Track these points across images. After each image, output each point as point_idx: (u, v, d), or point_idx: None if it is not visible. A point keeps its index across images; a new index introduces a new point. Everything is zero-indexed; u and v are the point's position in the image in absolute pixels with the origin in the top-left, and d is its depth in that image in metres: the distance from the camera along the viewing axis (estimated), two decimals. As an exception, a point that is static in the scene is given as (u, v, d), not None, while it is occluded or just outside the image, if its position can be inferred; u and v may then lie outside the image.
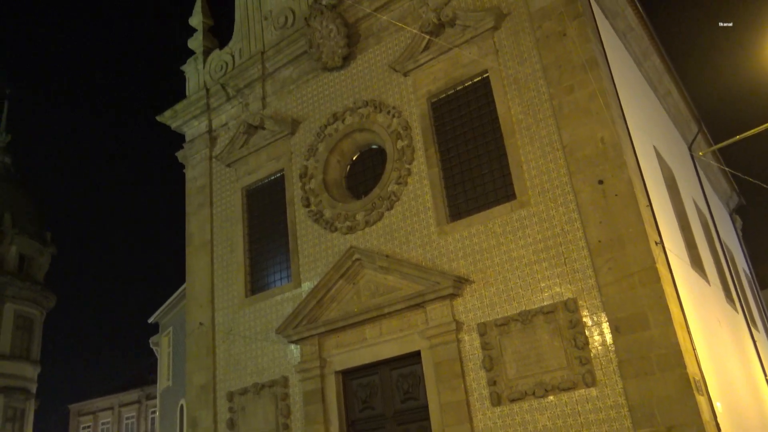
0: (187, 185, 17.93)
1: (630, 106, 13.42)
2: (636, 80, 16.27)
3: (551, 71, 12.26)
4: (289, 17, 16.96)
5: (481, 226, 12.35)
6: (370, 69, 15.02)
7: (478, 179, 12.90)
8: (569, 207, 11.47)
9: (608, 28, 14.48)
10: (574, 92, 11.90)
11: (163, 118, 18.51)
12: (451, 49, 13.52)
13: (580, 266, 11.11)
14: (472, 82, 13.43)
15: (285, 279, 15.16)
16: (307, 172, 15.28)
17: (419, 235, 13.09)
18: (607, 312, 10.63)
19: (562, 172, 11.71)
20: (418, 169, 13.53)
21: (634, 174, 11.32)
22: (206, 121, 17.87)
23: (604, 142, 11.39)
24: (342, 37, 15.16)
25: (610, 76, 12.50)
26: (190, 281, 16.95)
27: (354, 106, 14.92)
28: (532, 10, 12.79)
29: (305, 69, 16.16)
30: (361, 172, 15.09)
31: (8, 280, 38.30)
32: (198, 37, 19.08)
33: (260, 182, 16.45)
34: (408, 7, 14.64)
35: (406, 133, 13.86)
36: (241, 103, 17.27)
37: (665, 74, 18.25)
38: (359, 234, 13.93)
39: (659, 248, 10.93)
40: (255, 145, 16.51)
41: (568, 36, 12.18)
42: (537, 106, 12.33)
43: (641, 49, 16.79)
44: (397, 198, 13.59)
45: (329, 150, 15.11)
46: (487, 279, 11.99)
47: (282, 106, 16.45)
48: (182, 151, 18.25)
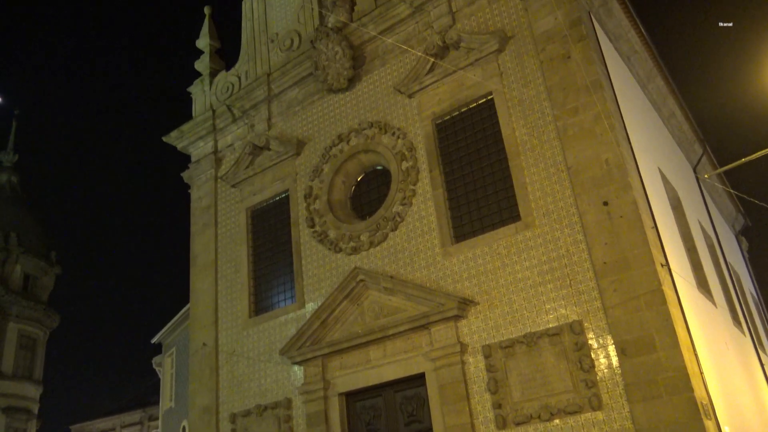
0: (192, 205, 17.99)
1: (634, 127, 13.46)
2: (640, 102, 16.32)
3: (556, 93, 12.32)
4: (295, 40, 17.13)
5: (486, 247, 12.32)
6: (375, 91, 15.12)
7: (482, 200, 12.90)
8: (574, 228, 11.46)
9: (612, 51, 14.58)
10: (579, 114, 11.95)
11: (169, 138, 18.63)
12: (456, 71, 13.62)
13: (585, 288, 11.06)
14: (477, 103, 13.50)
15: (289, 299, 15.12)
16: (312, 192, 15.32)
17: (424, 256, 13.07)
18: (613, 334, 10.55)
19: (567, 194, 11.70)
20: (422, 190, 13.55)
21: (639, 196, 11.31)
22: (212, 141, 17.99)
23: (609, 164, 11.40)
24: (347, 59, 15.29)
25: (615, 98, 12.55)
26: (194, 301, 16.93)
27: (359, 128, 15.00)
28: (536, 33, 12.89)
29: (311, 90, 16.29)
30: (366, 192, 15.12)
31: (13, 300, 38.32)
32: (205, 59, 19.28)
33: (265, 203, 16.49)
34: (413, 29, 14.78)
35: (411, 154, 13.91)
36: (246, 124, 17.38)
37: (669, 96, 18.32)
38: (364, 255, 13.92)
39: (665, 270, 10.88)
40: (260, 165, 16.58)
41: (573, 58, 12.26)
42: (541, 128, 12.37)
43: (645, 72, 16.88)
44: (402, 219, 13.60)
45: (334, 171, 15.17)
46: (491, 300, 11.94)
47: (287, 127, 16.55)
48: (188, 172, 18.34)
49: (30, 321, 39.55)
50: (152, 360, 31.21)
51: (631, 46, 15.76)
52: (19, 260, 39.60)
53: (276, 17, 17.99)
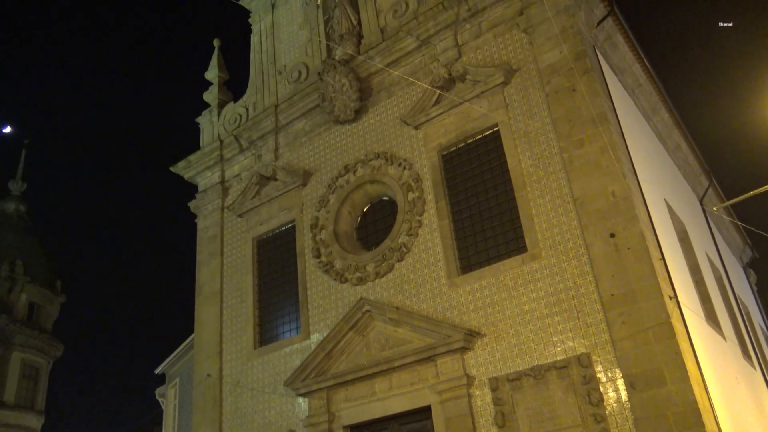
0: (198, 235, 18.03)
1: (640, 159, 13.49)
2: (645, 134, 16.39)
3: (561, 125, 12.39)
4: (303, 72, 17.35)
5: (492, 278, 12.27)
6: (381, 122, 15.24)
7: (488, 231, 12.89)
8: (581, 260, 11.41)
9: (617, 84, 14.70)
10: (585, 146, 12.00)
11: (176, 168, 18.77)
12: (462, 103, 13.74)
13: (593, 320, 10.97)
14: (483, 135, 13.58)
15: (294, 330, 15.04)
16: (318, 222, 15.35)
17: (430, 287, 13.02)
18: (622, 368, 10.43)
19: (573, 225, 11.69)
20: (428, 221, 13.56)
21: (645, 227, 11.29)
22: (219, 171, 18.11)
23: (615, 196, 11.40)
24: (354, 91, 15.46)
25: (620, 131, 12.62)
26: (198, 332, 16.85)
27: (365, 158, 15.09)
28: (541, 66, 13.02)
29: (318, 122, 16.43)
30: (372, 223, 15.14)
31: (17, 329, 38.23)
32: (213, 91, 19.52)
33: (271, 233, 16.52)
34: (419, 62, 14.96)
35: (417, 185, 13.95)
36: (254, 155, 17.51)
37: (674, 128, 18.40)
38: (369, 285, 13.87)
39: (673, 303, 10.79)
40: (267, 195, 16.65)
41: (578, 91, 12.36)
42: (547, 160, 12.42)
43: (650, 104, 16.99)
44: (408, 250, 13.58)
45: (340, 201, 15.21)
46: (498, 332, 11.85)
47: (294, 157, 16.66)
48: (194, 201, 18.43)
49: (34, 350, 39.38)
50: (155, 391, 30.93)
51: (635, 79, 15.90)
52: (25, 289, 39.60)
53: (284, 50, 18.26)
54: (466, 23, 14.30)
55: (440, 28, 14.52)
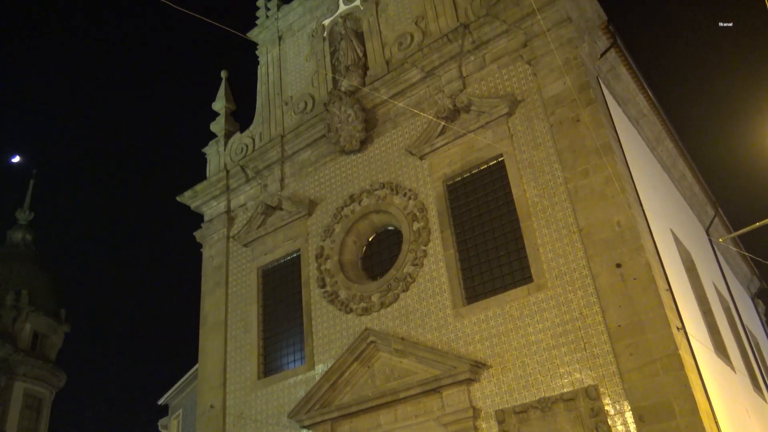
0: (203, 264, 18.04)
1: (645, 189, 13.50)
2: (650, 164, 16.42)
3: (566, 156, 12.43)
4: (309, 103, 17.53)
5: (498, 309, 12.20)
6: (386, 152, 15.33)
7: (494, 261, 12.85)
8: (587, 290, 11.34)
9: (621, 114, 14.79)
10: (589, 176, 12.02)
11: (183, 198, 18.87)
12: (467, 134, 13.82)
13: (600, 351, 10.86)
14: (488, 165, 13.63)
15: (299, 361, 14.93)
16: (323, 252, 15.35)
17: (435, 317, 12.94)
18: (630, 400, 10.29)
19: (579, 255, 11.65)
20: (434, 251, 13.53)
21: (652, 257, 11.24)
22: (225, 201, 18.19)
23: (621, 226, 11.38)
24: (360, 121, 15.59)
25: (625, 161, 12.65)
26: (202, 362, 16.74)
27: (371, 188, 15.14)
28: (545, 96, 13.12)
29: (323, 152, 16.54)
30: (377, 253, 15.12)
31: (21, 359, 38.02)
32: (220, 121, 19.71)
33: (276, 262, 16.51)
34: (424, 93, 15.10)
35: (422, 215, 13.97)
36: (259, 185, 17.60)
37: (679, 158, 18.43)
38: (374, 316, 13.80)
39: (681, 334, 10.69)
40: (272, 225, 16.69)
41: (582, 122, 12.43)
42: (552, 190, 12.44)
43: (654, 134, 17.05)
44: (413, 280, 13.54)
45: (346, 231, 15.22)
46: (504, 364, 11.73)
47: (300, 187, 16.74)
48: (200, 231, 18.47)
49: (37, 380, 39.11)
50: (158, 422, 30.63)
51: (639, 109, 15.99)
52: (29, 318, 39.50)
53: (290, 81, 18.47)
54: (470, 55, 14.47)
55: (445, 60, 14.69)
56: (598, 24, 13.80)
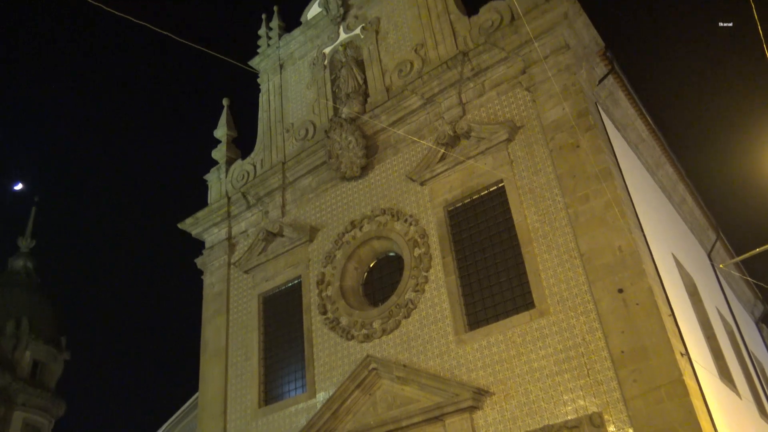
0: (204, 291, 17.99)
1: (646, 214, 13.50)
2: (650, 188, 16.45)
3: (566, 181, 12.46)
4: (310, 130, 17.64)
5: (500, 335, 12.12)
6: (387, 178, 15.38)
7: (495, 287, 12.81)
8: (590, 316, 11.28)
9: (620, 139, 14.85)
10: (590, 201, 12.04)
11: (184, 225, 18.89)
12: (467, 160, 13.88)
13: (604, 378, 10.76)
14: (488, 191, 13.66)
15: (300, 389, 14.80)
16: (325, 279, 15.31)
17: (437, 344, 12.85)
18: (635, 427, 10.17)
19: (581, 281, 11.61)
20: (435, 277, 13.50)
21: (654, 282, 11.20)
22: (226, 228, 18.20)
23: (622, 251, 11.36)
24: (360, 148, 15.66)
25: (625, 186, 12.67)
26: (203, 390, 16.60)
27: (372, 214, 15.16)
28: (544, 123, 13.20)
29: (324, 178, 16.59)
30: (379, 279, 15.08)
31: (20, 387, 37.70)
32: (222, 149, 19.83)
33: (277, 289, 16.46)
34: (424, 120, 15.20)
35: (423, 241, 13.96)
36: (261, 211, 17.63)
37: (679, 183, 18.47)
38: (376, 342, 13.72)
39: (685, 359, 10.60)
40: (273, 252, 16.68)
41: (581, 147, 12.49)
42: (553, 215, 12.44)
43: (654, 159, 17.11)
44: (415, 306, 13.48)
45: (347, 257, 15.20)
46: (507, 391, 11.62)
47: (301, 214, 16.76)
48: (201, 258, 18.46)
49: (36, 409, 38.72)
50: (158, 451, 30.21)
51: (638, 134, 16.07)
52: (29, 346, 39.28)
53: (292, 109, 18.62)
54: (469, 82, 14.59)
55: (444, 86, 14.82)
56: (596, 51, 13.95)
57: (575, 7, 13.40)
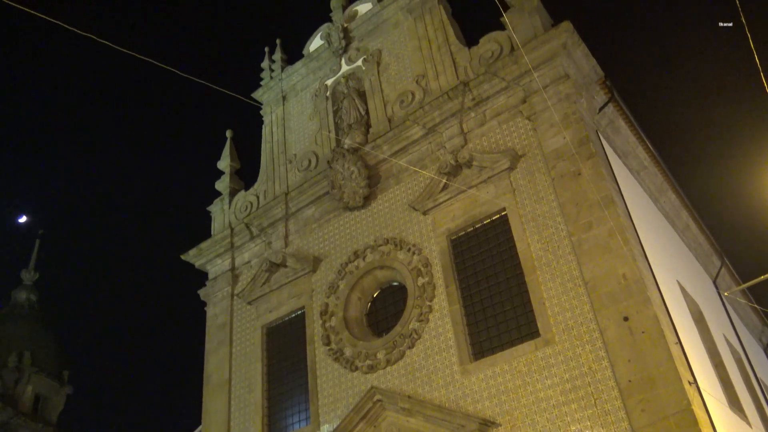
0: (207, 323, 17.91)
1: (649, 241, 13.47)
2: (653, 215, 16.44)
3: (568, 209, 12.47)
4: (312, 160, 17.75)
5: (506, 365, 12.01)
6: (390, 208, 15.41)
7: (500, 316, 12.74)
8: (596, 345, 11.19)
9: (622, 167, 14.90)
10: (593, 229, 12.03)
11: (187, 256, 18.89)
12: (469, 189, 13.92)
13: (611, 407, 10.63)
14: (491, 219, 13.67)
15: (303, 421, 14.63)
16: (328, 309, 15.24)
17: (442, 374, 12.73)
18: (644, 458, 9.99)
19: (585, 309, 11.55)
20: (439, 306, 13.43)
21: (659, 310, 11.12)
22: (229, 259, 18.20)
23: (627, 279, 11.32)
24: (363, 178, 15.73)
25: (627, 213, 12.68)
26: (206, 423, 16.41)
27: (375, 244, 15.15)
28: (546, 151, 13.27)
29: (327, 208, 16.64)
30: (382, 309, 15.02)
31: (22, 422, 37.30)
32: (225, 180, 19.93)
33: (281, 320, 16.39)
34: (426, 149, 15.29)
35: (427, 270, 13.93)
36: (264, 242, 17.64)
37: (682, 209, 18.46)
38: (380, 373, 13.60)
39: (693, 388, 10.47)
40: (277, 282, 16.64)
41: (583, 175, 12.53)
42: (556, 243, 12.43)
43: (656, 186, 17.13)
44: (419, 336, 13.39)
45: (350, 287, 15.15)
46: (514, 422, 11.47)
47: (304, 244, 16.77)
48: (204, 289, 18.42)
49: (37, 444, 38.26)
50: (160, 486, 29.80)
51: (639, 161, 16.12)
52: (31, 380, 39.00)
53: (294, 139, 18.76)
54: (471, 112, 14.71)
55: (446, 116, 14.94)
56: (595, 79, 14.08)
57: (574, 38, 13.57)
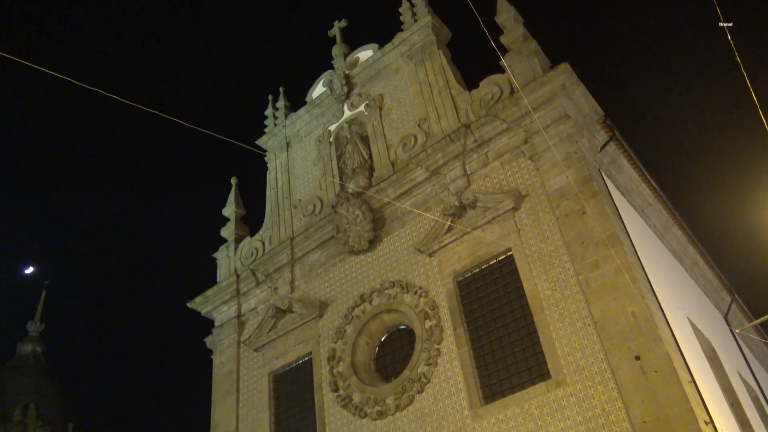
0: (214, 371, 17.72)
1: (658, 278, 13.38)
2: (660, 252, 16.37)
3: (574, 248, 12.44)
4: (317, 205, 17.83)
5: (517, 408, 11.80)
6: (395, 251, 15.40)
7: (510, 358, 12.57)
8: (608, 385, 11.00)
9: (626, 204, 14.91)
10: (600, 268, 11.97)
11: (193, 304, 18.83)
12: (474, 230, 13.92)
13: (626, 451, 10.38)
14: (497, 260, 13.63)
15: (312, 471, 14.31)
16: (335, 354, 15.08)
17: (452, 419, 12.50)
18: (663, 503, 9.71)
19: (596, 349, 11.39)
20: (447, 350, 13.28)
21: (671, 348, 10.97)
22: (236, 305, 18.12)
23: (636, 317, 11.20)
24: (368, 221, 15.77)
25: (634, 251, 12.62)
26: (213, 476, 16.08)
27: (381, 287, 15.08)
28: (549, 190, 13.30)
29: (332, 253, 16.63)
30: (390, 353, 14.85)
31: (25, 477, 36.65)
32: (230, 226, 20.00)
33: (288, 366, 16.21)
34: (430, 191, 15.35)
35: (434, 312, 13.82)
36: (270, 288, 17.59)
37: (689, 245, 18.38)
38: (390, 420, 13.36)
39: (710, 428, 10.25)
40: (283, 328, 16.52)
41: (588, 214, 12.53)
42: (564, 282, 12.35)
43: (661, 222, 17.10)
44: (428, 380, 13.20)
45: (357, 332, 15.02)
46: (527, 467, 11.19)
47: (310, 289, 16.70)
48: (211, 337, 18.29)
49: (40, 501, 37.47)
50: None
51: (644, 198, 16.14)
52: (36, 434, 38.42)
53: (299, 185, 18.89)
54: (473, 153, 14.82)
55: (448, 159, 15.05)
56: (596, 119, 14.22)
57: (572, 79, 13.75)
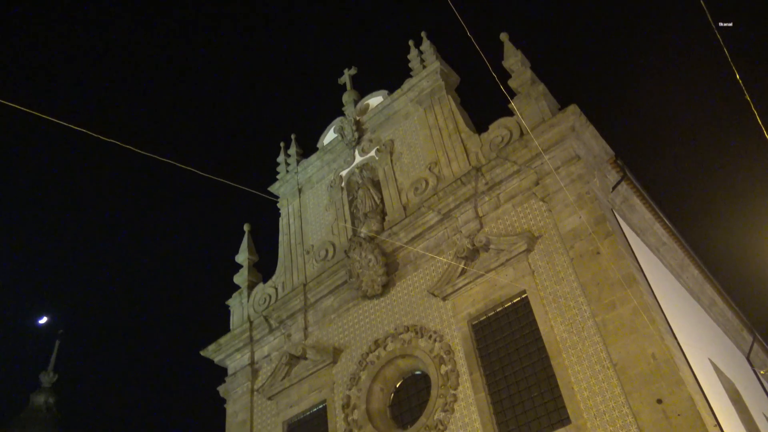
0: (227, 421, 17.47)
1: (676, 318, 13.17)
2: (677, 292, 16.15)
3: (590, 289, 12.30)
4: (330, 250, 17.83)
5: (537, 455, 11.49)
6: (409, 295, 15.30)
7: (528, 403, 12.31)
8: (630, 430, 10.72)
9: (640, 244, 14.79)
10: (617, 308, 11.80)
11: (206, 352, 18.70)
12: (487, 273, 13.82)
13: (652, 499, 10.04)
14: (512, 302, 13.49)
15: None
16: (350, 402, 14.85)
17: (471, 467, 12.18)
18: None
19: (616, 392, 11.14)
20: (464, 395, 13.05)
21: (694, 391, 10.71)
22: (249, 353, 17.98)
23: (656, 359, 10.98)
24: (380, 266, 15.72)
25: (651, 290, 12.46)
26: None
27: (395, 332, 14.93)
28: (562, 231, 13.24)
29: (346, 298, 16.55)
30: (406, 399, 14.59)
31: None
32: (243, 273, 20.01)
33: (302, 415, 15.96)
34: (442, 234, 15.33)
35: (449, 357, 13.63)
36: (283, 334, 17.47)
37: (706, 284, 18.14)
38: (407, 469, 13.04)
39: (738, 474, 9.91)
40: (297, 375, 16.33)
41: (602, 254, 12.43)
42: (580, 324, 12.17)
43: (677, 261, 16.92)
44: (445, 427, 12.93)
45: (372, 378, 14.82)
46: None
47: (324, 335, 16.57)
48: (224, 386, 18.10)
49: None
50: None
51: (658, 237, 16.01)
52: (47, 488, 37.84)
53: (311, 230, 18.95)
54: (485, 196, 14.84)
55: (460, 201, 15.07)
56: (606, 159, 14.24)
57: (581, 120, 13.84)
